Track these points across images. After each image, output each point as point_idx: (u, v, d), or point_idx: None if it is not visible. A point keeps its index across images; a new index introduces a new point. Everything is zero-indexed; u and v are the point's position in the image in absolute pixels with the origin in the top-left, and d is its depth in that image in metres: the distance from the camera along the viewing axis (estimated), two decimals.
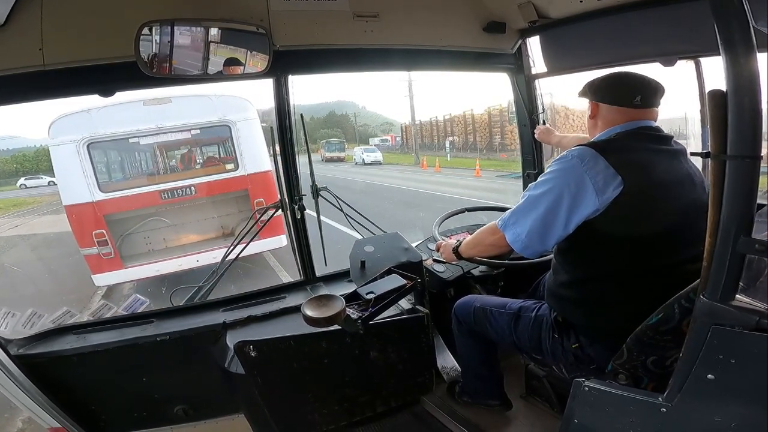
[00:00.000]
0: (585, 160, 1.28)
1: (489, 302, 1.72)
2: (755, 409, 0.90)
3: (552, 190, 1.31)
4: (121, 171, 6.79)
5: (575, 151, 1.32)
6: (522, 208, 1.38)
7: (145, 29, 1.50)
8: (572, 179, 1.28)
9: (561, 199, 1.29)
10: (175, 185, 6.14)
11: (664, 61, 1.80)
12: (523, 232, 1.36)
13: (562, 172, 1.31)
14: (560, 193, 1.29)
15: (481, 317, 1.69)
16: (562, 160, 1.33)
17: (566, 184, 1.29)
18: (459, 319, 1.78)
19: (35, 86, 1.54)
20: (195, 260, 5.95)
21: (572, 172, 1.29)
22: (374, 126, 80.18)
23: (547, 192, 1.32)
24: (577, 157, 1.30)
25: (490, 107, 27.55)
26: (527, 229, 1.35)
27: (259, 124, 6.24)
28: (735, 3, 0.77)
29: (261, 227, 2.15)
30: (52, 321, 1.83)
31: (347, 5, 1.87)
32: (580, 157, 1.29)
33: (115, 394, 1.79)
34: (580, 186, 1.27)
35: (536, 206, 1.33)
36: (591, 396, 1.16)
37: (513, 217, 1.40)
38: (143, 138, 5.93)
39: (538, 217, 1.33)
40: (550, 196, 1.31)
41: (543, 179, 1.36)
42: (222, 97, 6.03)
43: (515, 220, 1.39)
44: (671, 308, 1.09)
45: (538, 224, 1.33)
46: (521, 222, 1.37)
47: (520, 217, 1.38)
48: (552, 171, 1.35)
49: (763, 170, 0.83)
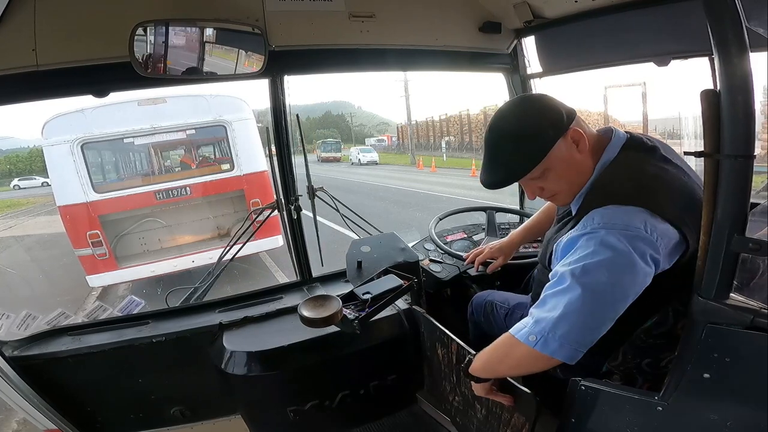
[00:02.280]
0: (637, 237, 1.01)
1: (497, 297, 1.75)
2: (751, 407, 0.91)
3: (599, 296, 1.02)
4: (115, 171, 6.75)
5: (614, 223, 1.03)
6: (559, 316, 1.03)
7: (139, 29, 1.49)
8: (626, 273, 1.01)
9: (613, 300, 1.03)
10: (171, 185, 6.12)
11: (658, 61, 1.81)
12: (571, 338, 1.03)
13: (608, 271, 1.01)
14: (609, 297, 1.03)
15: (488, 311, 1.72)
16: (602, 256, 1.01)
17: (618, 284, 1.01)
18: (473, 310, 1.81)
19: (28, 87, 1.52)
20: (191, 261, 5.96)
21: (624, 266, 1.01)
22: (370, 126, 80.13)
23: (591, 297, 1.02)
24: (627, 241, 1.00)
25: (486, 107, 27.61)
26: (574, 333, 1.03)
27: (254, 124, 6.24)
28: (728, 3, 0.78)
29: (257, 228, 2.14)
30: (47, 322, 1.82)
31: (343, 5, 1.87)
32: (631, 239, 1.01)
33: (111, 395, 1.78)
34: (636, 275, 1.01)
35: (580, 312, 1.02)
36: (587, 395, 1.17)
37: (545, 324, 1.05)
38: (138, 138, 5.91)
39: (587, 320, 1.03)
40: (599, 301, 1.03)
41: (574, 274, 1.03)
42: (217, 97, 6.01)
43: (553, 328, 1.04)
44: (666, 311, 1.09)
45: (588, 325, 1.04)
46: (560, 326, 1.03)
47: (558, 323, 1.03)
48: (586, 269, 1.03)
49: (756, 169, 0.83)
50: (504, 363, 1.17)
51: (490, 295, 1.79)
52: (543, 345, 1.04)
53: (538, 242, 2.12)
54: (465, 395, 1.56)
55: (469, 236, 2.22)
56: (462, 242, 2.17)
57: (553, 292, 1.06)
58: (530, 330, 1.06)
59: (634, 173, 1.11)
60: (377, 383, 1.83)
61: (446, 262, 2.08)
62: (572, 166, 1.14)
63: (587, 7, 1.86)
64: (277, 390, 1.73)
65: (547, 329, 1.03)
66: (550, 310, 1.04)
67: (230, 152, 6.23)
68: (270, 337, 1.72)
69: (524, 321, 1.11)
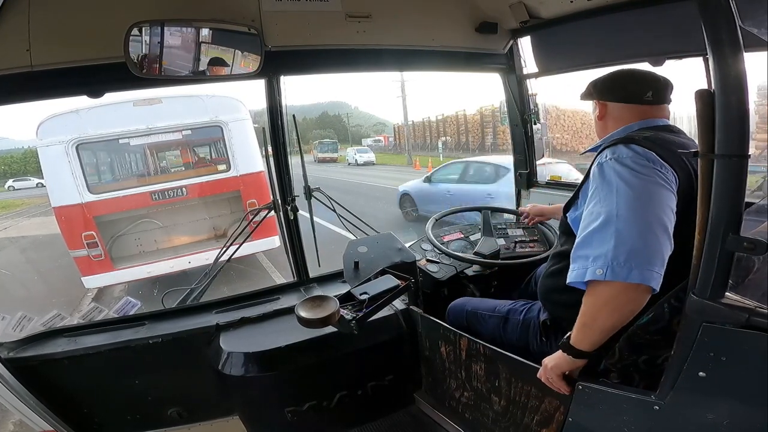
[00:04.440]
0: (639, 154, 1.12)
1: (480, 305, 1.71)
2: (747, 405, 0.91)
3: (639, 197, 1.07)
4: (110, 172, 6.65)
5: (621, 150, 1.14)
6: (617, 231, 1.04)
7: (134, 30, 1.48)
8: (646, 176, 1.08)
9: (653, 202, 1.06)
10: (167, 186, 6.04)
11: (653, 61, 1.82)
12: (651, 260, 1.02)
13: (632, 174, 1.09)
14: (647, 199, 1.07)
15: (472, 320, 1.69)
16: (619, 165, 1.11)
17: (645, 184, 1.07)
18: (452, 321, 1.77)
19: (23, 87, 1.52)
20: (187, 262, 5.88)
21: (642, 170, 1.09)
22: (367, 126, 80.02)
23: (632, 200, 1.07)
24: (630, 157, 1.11)
25: (482, 107, 27.60)
26: (651, 252, 1.02)
27: (251, 125, 6.18)
28: (722, 3, 0.78)
29: (253, 229, 2.14)
30: (43, 324, 1.81)
31: (339, 6, 1.87)
32: (634, 157, 1.11)
33: (107, 396, 1.78)
34: (658, 182, 1.08)
35: (634, 222, 1.04)
36: (585, 395, 1.17)
37: (620, 252, 1.02)
38: (133, 139, 5.84)
39: (646, 231, 1.04)
40: (641, 203, 1.06)
41: (610, 193, 1.10)
42: (213, 97, 5.96)
43: (629, 255, 1.02)
44: (661, 308, 1.09)
45: (652, 240, 1.03)
46: (641, 251, 1.02)
47: (634, 246, 1.03)
48: (612, 180, 1.11)
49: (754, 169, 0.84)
50: (599, 316, 1.09)
51: (467, 303, 1.76)
52: (612, 274, 1.02)
53: (534, 242, 2.14)
54: (478, 390, 1.56)
55: (466, 236, 2.22)
56: (459, 242, 2.18)
57: (592, 230, 1.09)
58: (593, 268, 1.05)
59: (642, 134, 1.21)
60: (375, 383, 1.83)
61: (443, 263, 2.08)
62: (596, 118, 1.40)
63: (583, 7, 1.87)
64: (275, 390, 1.73)
65: (610, 259, 1.02)
66: (601, 244, 1.05)
67: (226, 153, 6.16)
68: (267, 338, 1.72)
69: (577, 267, 1.10)
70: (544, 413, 1.33)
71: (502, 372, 1.45)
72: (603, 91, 1.38)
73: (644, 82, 1.32)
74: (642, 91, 1.31)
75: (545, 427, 1.33)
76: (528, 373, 1.33)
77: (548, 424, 1.32)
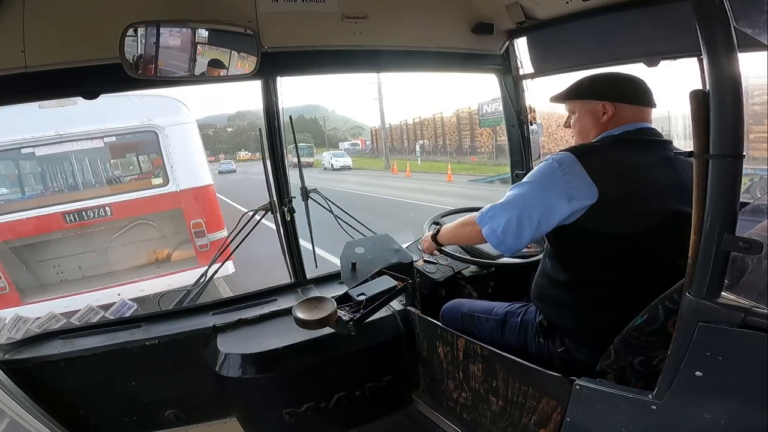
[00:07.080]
0: (563, 165, 1.29)
1: (476, 307, 1.71)
2: (743, 405, 0.91)
3: (529, 192, 1.35)
4: (8, 189, 5.46)
5: (557, 155, 1.34)
6: (501, 204, 1.41)
7: (130, 30, 1.48)
8: (548, 183, 1.31)
9: (536, 202, 1.32)
10: (84, 206, 4.98)
11: (648, 61, 1.83)
12: (498, 228, 1.39)
13: (541, 175, 1.34)
14: (535, 196, 1.33)
15: (468, 322, 1.68)
16: (544, 164, 1.35)
17: (542, 187, 1.32)
18: (447, 322, 1.76)
19: (17, 89, 1.51)
20: (116, 294, 4.49)
21: (549, 177, 1.31)
22: (344, 130, 79.72)
23: (524, 193, 1.36)
24: (556, 162, 1.31)
25: (459, 110, 27.55)
26: (502, 225, 1.38)
27: (195, 130, 5.32)
28: (716, 4, 0.78)
29: (250, 231, 2.13)
30: (38, 326, 1.80)
31: (336, 6, 1.87)
32: (559, 162, 1.31)
33: (104, 399, 1.76)
34: (555, 191, 1.29)
35: (514, 205, 1.37)
36: (582, 395, 1.17)
37: (491, 212, 1.43)
38: (39, 148, 4.85)
39: (513, 216, 1.36)
40: (527, 197, 1.35)
41: (524, 180, 1.39)
42: (144, 97, 4.97)
43: (492, 215, 1.42)
44: (656, 309, 1.09)
45: (513, 223, 1.36)
46: (498, 218, 1.40)
47: (498, 213, 1.40)
48: (532, 174, 1.38)
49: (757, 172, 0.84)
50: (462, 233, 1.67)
51: (462, 305, 1.75)
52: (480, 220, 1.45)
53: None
54: (475, 390, 1.56)
55: None
56: None
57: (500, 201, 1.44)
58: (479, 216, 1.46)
59: (598, 143, 1.40)
60: (373, 384, 1.83)
61: (440, 263, 2.08)
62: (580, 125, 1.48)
63: (579, 8, 1.88)
64: (272, 392, 1.72)
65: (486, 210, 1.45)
66: (493, 208, 1.44)
67: (163, 164, 5.15)
68: (264, 339, 1.72)
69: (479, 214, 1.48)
70: (542, 413, 1.33)
71: (499, 372, 1.45)
72: (608, 91, 1.41)
73: (640, 84, 1.39)
74: (644, 94, 1.39)
75: (543, 427, 1.33)
76: (525, 374, 1.34)
77: (546, 424, 1.32)
